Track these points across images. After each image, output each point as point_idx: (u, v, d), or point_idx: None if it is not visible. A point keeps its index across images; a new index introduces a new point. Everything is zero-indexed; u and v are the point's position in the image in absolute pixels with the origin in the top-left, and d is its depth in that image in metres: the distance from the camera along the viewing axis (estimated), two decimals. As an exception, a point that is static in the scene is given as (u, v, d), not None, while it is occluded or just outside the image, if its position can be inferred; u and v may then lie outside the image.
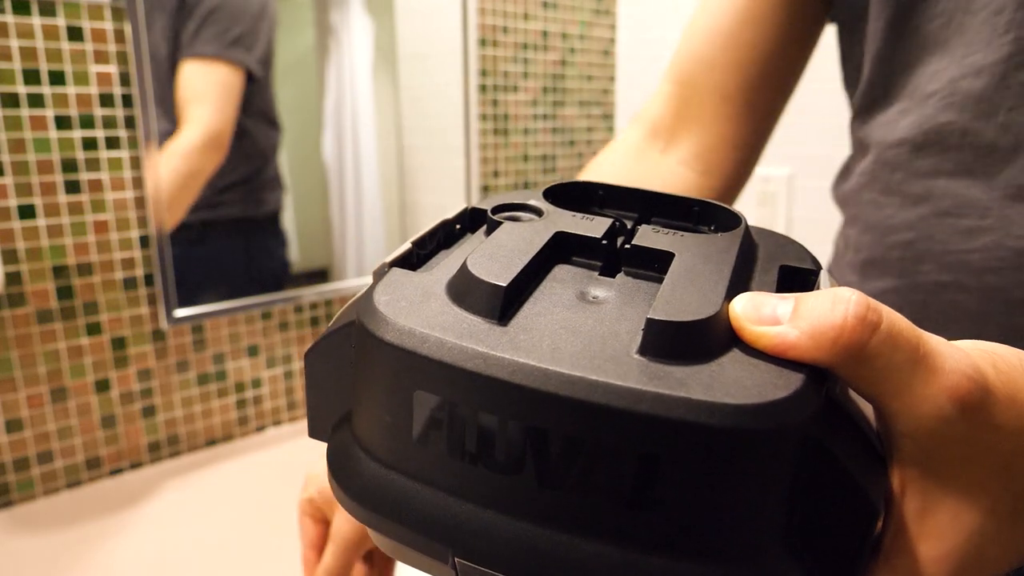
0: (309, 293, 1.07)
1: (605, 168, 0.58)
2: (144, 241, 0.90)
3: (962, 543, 0.21)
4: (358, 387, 0.23)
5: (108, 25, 0.83)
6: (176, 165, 0.91)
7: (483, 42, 1.23)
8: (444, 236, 0.28)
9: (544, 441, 0.19)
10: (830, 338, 0.19)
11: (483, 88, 1.24)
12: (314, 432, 0.26)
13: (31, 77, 0.79)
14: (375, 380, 0.22)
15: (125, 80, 0.85)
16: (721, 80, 0.55)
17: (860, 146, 0.50)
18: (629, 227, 0.27)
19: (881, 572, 0.22)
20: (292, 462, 0.98)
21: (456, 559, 0.20)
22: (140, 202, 0.89)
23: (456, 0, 1.18)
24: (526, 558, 0.20)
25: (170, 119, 0.91)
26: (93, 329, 0.88)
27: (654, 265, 0.24)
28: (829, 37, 0.56)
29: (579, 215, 0.27)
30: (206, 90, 0.94)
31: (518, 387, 0.19)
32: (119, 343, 0.90)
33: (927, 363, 0.20)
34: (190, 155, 0.93)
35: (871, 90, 0.48)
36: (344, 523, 0.46)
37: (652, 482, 0.18)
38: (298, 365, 1.08)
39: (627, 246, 0.25)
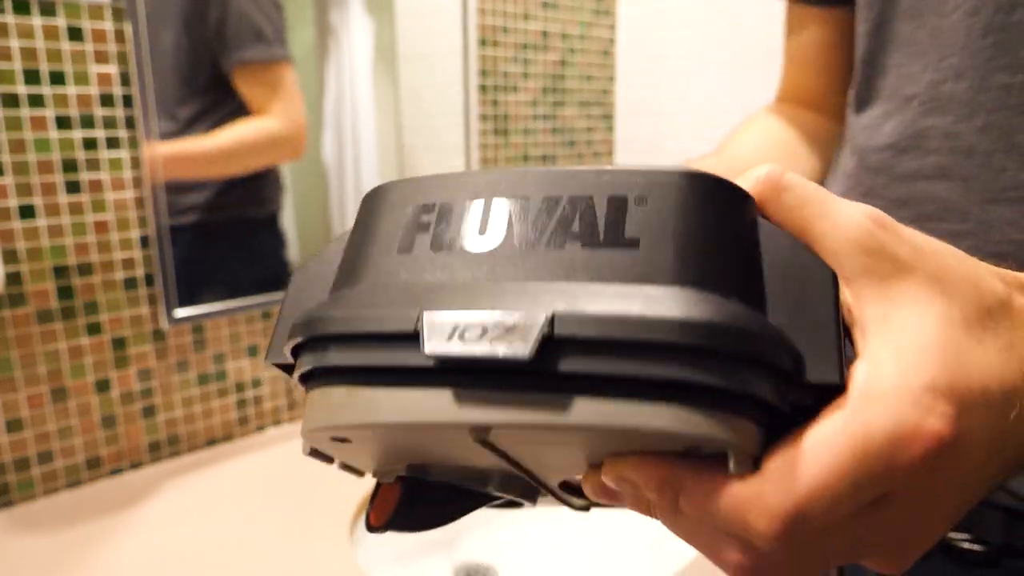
0: (309, 293, 1.06)
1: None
2: (144, 241, 0.90)
3: (938, 332, 0.21)
4: (352, 240, 0.24)
5: (108, 25, 0.83)
6: (252, 136, 0.97)
7: (483, 42, 1.23)
8: None
9: (526, 205, 0.21)
10: (752, 178, 0.24)
11: (483, 88, 1.24)
12: (272, 355, 0.26)
13: (31, 77, 0.79)
14: (372, 218, 0.23)
15: (125, 80, 0.85)
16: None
17: (848, 147, 0.51)
18: None
19: (867, 370, 0.21)
20: (292, 462, 0.98)
21: (420, 319, 0.19)
22: (140, 202, 0.89)
23: (456, 0, 1.18)
24: (498, 296, 0.20)
25: (174, 120, 0.91)
26: (93, 329, 0.88)
27: None
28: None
29: None
30: (277, 89, 1.00)
31: (503, 174, 0.22)
32: (119, 343, 0.90)
33: (836, 198, 0.24)
34: (272, 138, 1.00)
35: (858, 92, 0.49)
36: None
37: (622, 221, 0.20)
38: (298, 365, 1.08)
39: None
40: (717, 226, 0.21)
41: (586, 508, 0.27)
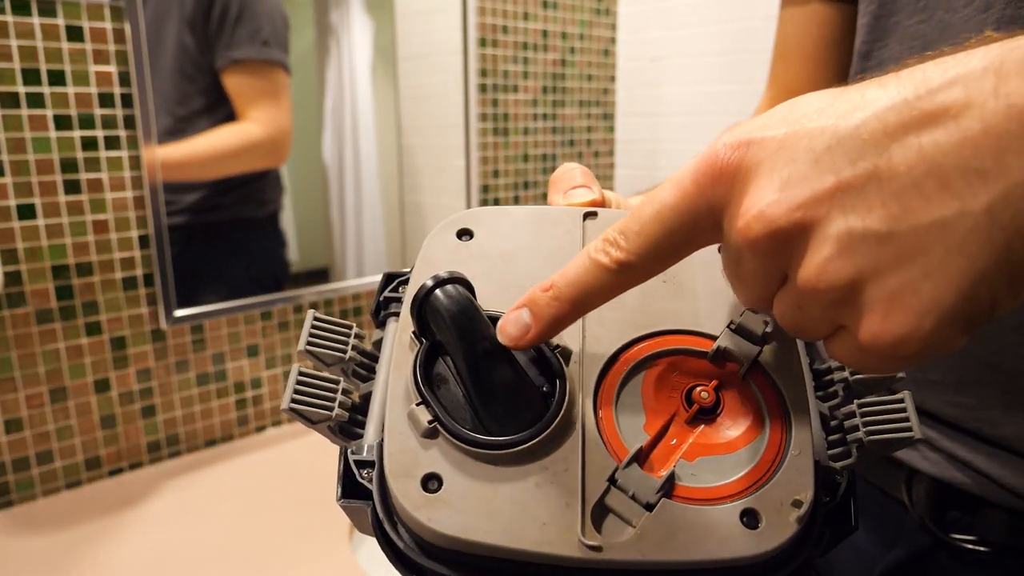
0: (309, 293, 1.07)
1: None
2: (143, 241, 0.90)
3: None
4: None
5: (107, 25, 0.83)
6: (228, 141, 0.96)
7: (483, 42, 1.23)
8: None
9: None
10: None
11: (483, 88, 1.24)
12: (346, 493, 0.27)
13: (31, 77, 0.79)
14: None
15: (124, 80, 0.85)
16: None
17: None
18: None
19: None
20: (291, 462, 0.98)
21: None
22: (139, 202, 0.89)
23: (456, 0, 1.18)
24: None
25: (173, 117, 0.91)
26: (93, 329, 0.88)
27: None
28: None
29: None
30: (265, 92, 0.98)
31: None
32: (119, 343, 0.90)
33: None
34: (249, 144, 0.98)
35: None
36: None
37: None
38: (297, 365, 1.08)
39: None
40: None
41: None
